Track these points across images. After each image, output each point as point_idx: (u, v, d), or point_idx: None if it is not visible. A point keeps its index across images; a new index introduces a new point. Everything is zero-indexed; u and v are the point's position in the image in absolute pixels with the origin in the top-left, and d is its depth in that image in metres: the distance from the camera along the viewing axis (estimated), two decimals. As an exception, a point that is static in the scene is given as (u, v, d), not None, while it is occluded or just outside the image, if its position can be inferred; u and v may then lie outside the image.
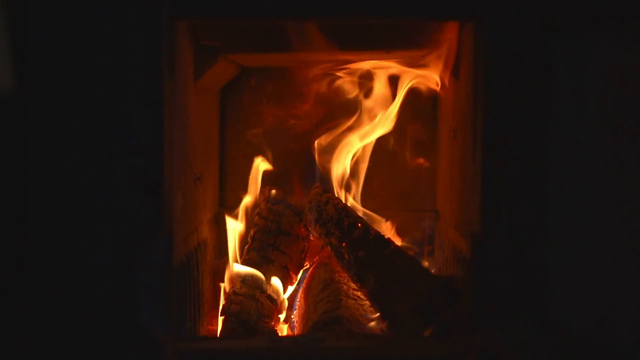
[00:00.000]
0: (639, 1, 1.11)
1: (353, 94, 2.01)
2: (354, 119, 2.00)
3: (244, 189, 2.01)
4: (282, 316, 1.82)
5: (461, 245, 1.59)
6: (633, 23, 1.15)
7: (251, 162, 2.07)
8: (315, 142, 2.02)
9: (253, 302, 1.74)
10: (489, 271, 1.32)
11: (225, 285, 1.84)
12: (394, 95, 1.96)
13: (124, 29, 1.27)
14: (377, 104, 1.98)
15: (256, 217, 1.91)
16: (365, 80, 2.00)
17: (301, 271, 1.91)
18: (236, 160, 2.11)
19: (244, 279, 1.77)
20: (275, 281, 1.79)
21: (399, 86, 1.94)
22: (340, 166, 2.00)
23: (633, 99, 1.15)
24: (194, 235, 1.70)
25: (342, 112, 2.02)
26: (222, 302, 1.82)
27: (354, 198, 2.01)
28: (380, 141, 2.03)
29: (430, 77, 1.95)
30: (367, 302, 1.64)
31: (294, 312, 1.88)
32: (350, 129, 2.00)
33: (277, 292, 1.78)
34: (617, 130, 1.19)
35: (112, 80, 1.28)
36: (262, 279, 1.76)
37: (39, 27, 1.27)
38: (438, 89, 2.05)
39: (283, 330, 1.84)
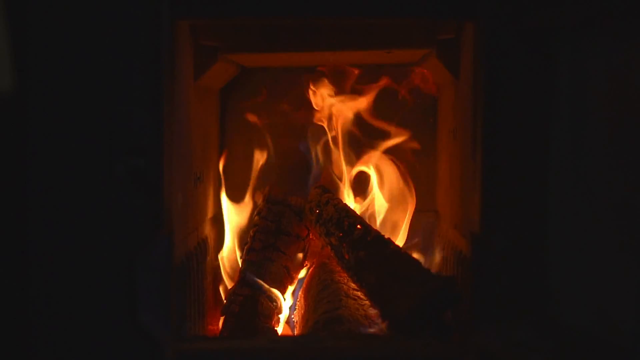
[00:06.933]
0: (639, 1, 1.11)
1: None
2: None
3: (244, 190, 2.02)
4: (282, 316, 1.82)
5: (461, 245, 1.59)
6: (633, 23, 1.15)
7: (250, 162, 2.09)
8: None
9: (253, 302, 1.74)
10: (489, 271, 1.32)
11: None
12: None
13: (124, 28, 1.27)
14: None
15: (256, 217, 1.91)
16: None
17: (301, 271, 1.91)
18: (236, 160, 2.11)
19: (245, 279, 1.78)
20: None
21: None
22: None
23: (633, 99, 1.15)
24: (194, 235, 1.70)
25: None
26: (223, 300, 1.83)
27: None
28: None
29: (430, 77, 1.95)
30: (367, 302, 1.64)
31: (294, 312, 1.88)
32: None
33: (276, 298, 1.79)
34: (617, 130, 1.19)
35: (112, 80, 1.28)
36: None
37: (39, 27, 1.27)
38: (438, 89, 2.06)
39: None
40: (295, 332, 1.83)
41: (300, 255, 1.90)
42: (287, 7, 1.35)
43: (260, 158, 2.08)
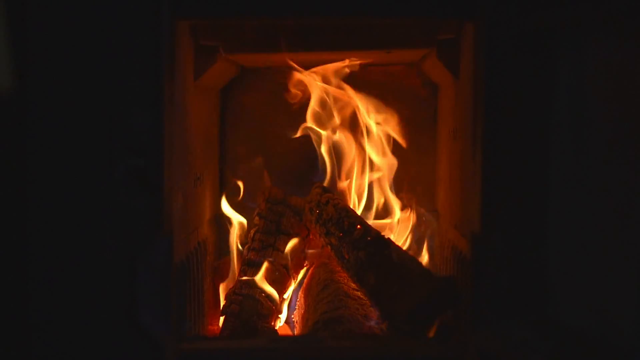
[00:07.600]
0: (639, 1, 1.11)
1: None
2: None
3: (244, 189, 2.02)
4: (282, 316, 1.82)
5: (461, 245, 1.59)
6: (633, 23, 1.15)
7: (251, 162, 2.08)
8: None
9: (253, 302, 1.74)
10: (489, 271, 1.32)
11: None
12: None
13: (124, 29, 1.27)
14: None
15: (256, 217, 1.91)
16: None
17: (301, 271, 1.91)
18: (236, 160, 2.11)
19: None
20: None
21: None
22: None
23: (633, 99, 1.15)
24: (194, 235, 1.70)
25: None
26: (222, 301, 1.83)
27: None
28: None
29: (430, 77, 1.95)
30: (367, 302, 1.64)
31: (294, 312, 1.88)
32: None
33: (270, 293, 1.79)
34: (618, 130, 1.19)
35: (112, 81, 1.28)
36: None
37: (38, 27, 1.27)
38: (438, 88, 2.06)
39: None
40: (295, 332, 1.83)
41: (301, 255, 1.90)
42: (287, 7, 1.35)
43: (260, 158, 2.08)
